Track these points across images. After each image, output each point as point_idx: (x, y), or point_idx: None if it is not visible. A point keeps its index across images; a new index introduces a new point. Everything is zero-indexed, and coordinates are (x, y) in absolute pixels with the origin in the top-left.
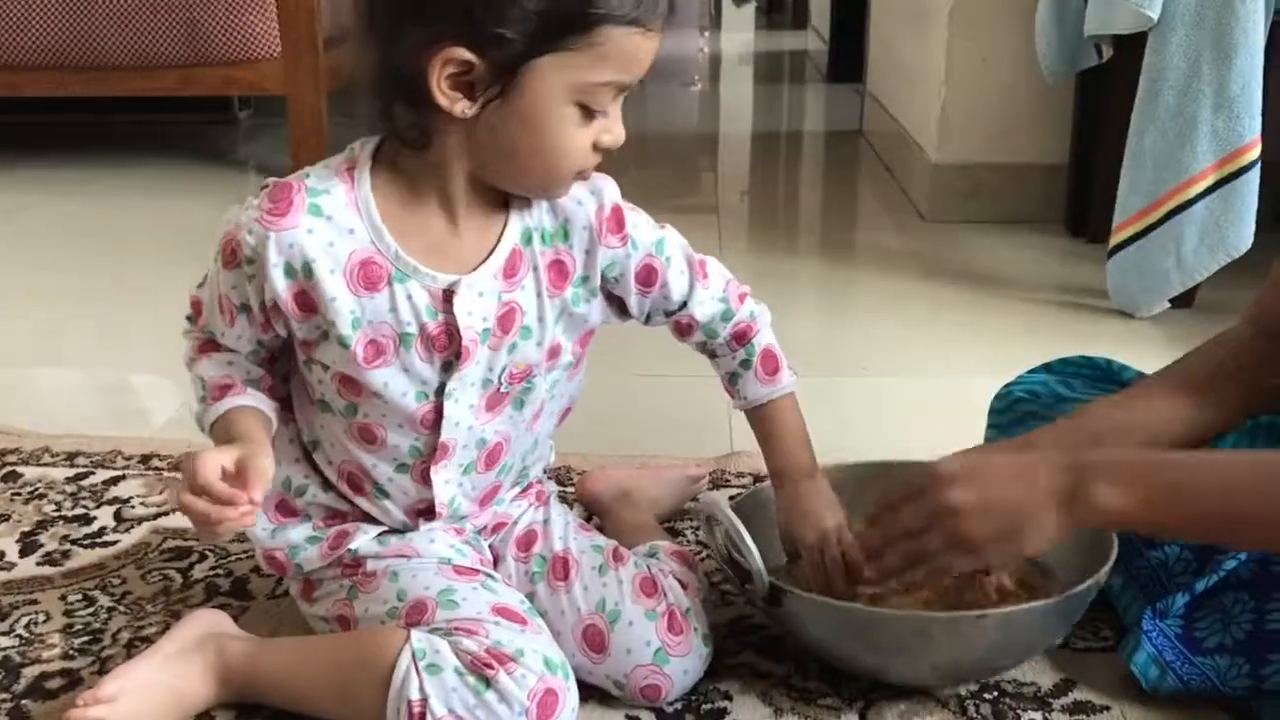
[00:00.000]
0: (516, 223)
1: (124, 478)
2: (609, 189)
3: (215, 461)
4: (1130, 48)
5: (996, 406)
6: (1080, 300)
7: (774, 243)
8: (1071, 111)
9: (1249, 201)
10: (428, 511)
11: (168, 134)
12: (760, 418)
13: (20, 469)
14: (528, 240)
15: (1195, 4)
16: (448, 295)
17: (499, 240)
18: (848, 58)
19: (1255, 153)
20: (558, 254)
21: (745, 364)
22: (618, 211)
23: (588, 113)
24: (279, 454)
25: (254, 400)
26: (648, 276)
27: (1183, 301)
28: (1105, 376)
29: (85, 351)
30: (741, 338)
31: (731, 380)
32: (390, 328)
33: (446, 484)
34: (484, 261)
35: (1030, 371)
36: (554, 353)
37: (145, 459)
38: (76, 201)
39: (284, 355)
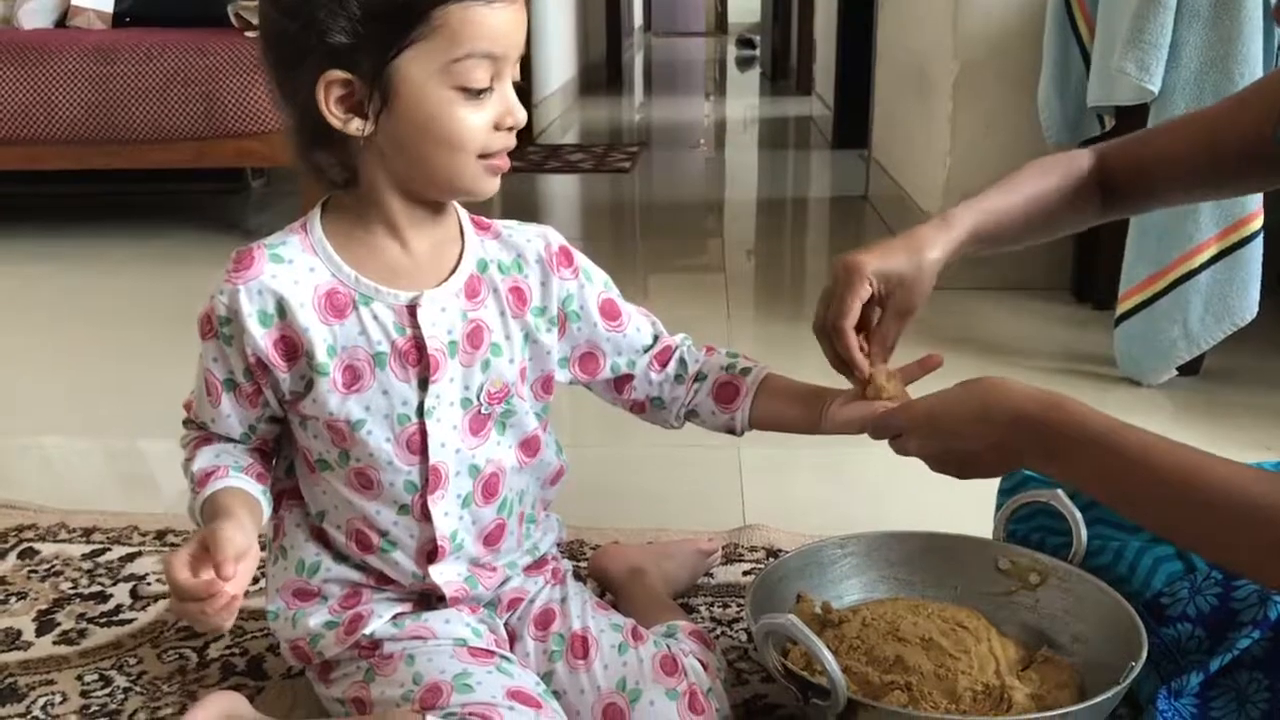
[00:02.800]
0: (472, 253)
1: (140, 554)
2: (553, 233)
3: (182, 558)
4: (1133, 115)
5: (1004, 486)
6: (1088, 368)
7: (781, 310)
8: None
9: (1253, 270)
10: (435, 553)
11: (181, 204)
12: (763, 416)
13: (37, 545)
14: (484, 269)
15: (1195, 77)
16: (412, 310)
17: (457, 265)
18: (852, 123)
19: (1258, 223)
20: (515, 281)
21: (705, 381)
22: (565, 249)
23: (470, 94)
24: (289, 541)
25: (236, 481)
26: (612, 310)
27: (1190, 369)
28: None
29: (99, 420)
30: (665, 354)
31: (715, 419)
32: (364, 350)
33: (446, 516)
34: (445, 281)
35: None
36: (522, 378)
37: (160, 535)
38: (92, 271)
39: (280, 445)
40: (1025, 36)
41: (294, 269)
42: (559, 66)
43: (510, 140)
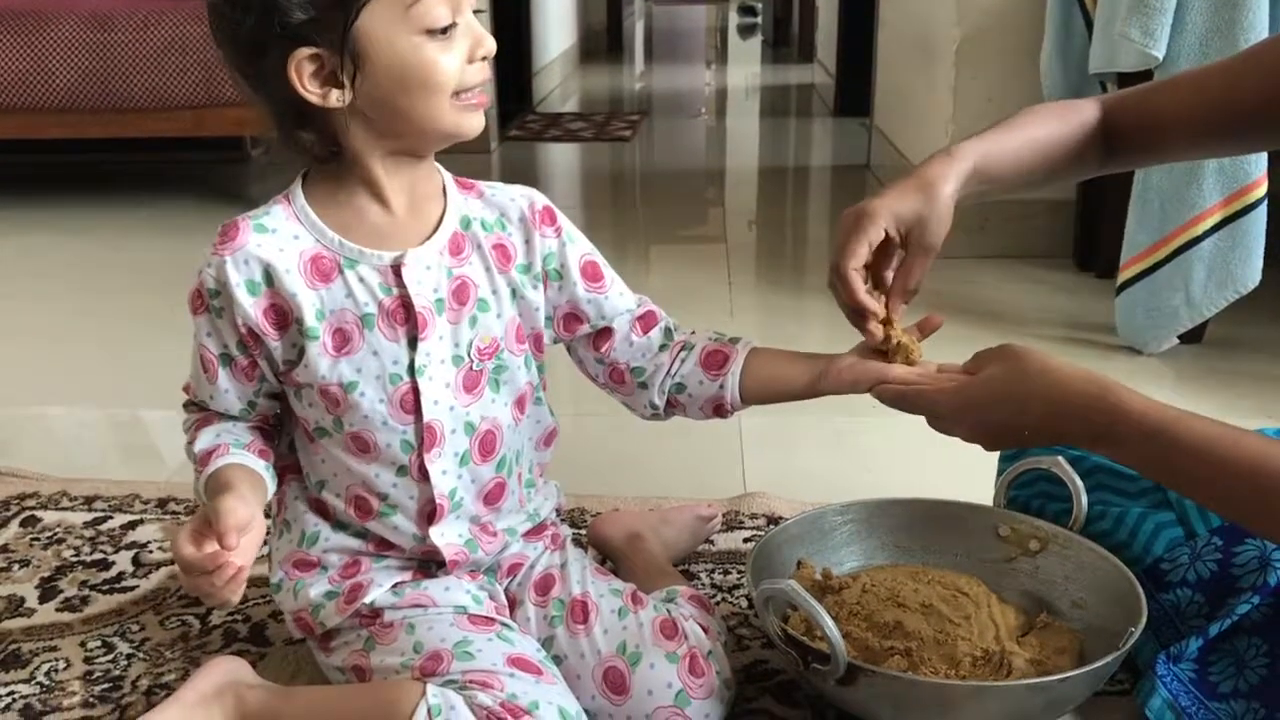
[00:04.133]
0: (455, 211)
1: (142, 522)
2: (537, 194)
3: (186, 533)
4: (1136, 82)
5: (1006, 453)
6: (1089, 336)
7: (783, 279)
8: None
9: (1256, 238)
10: (435, 514)
11: (182, 173)
12: (755, 380)
13: (39, 513)
14: (467, 225)
15: (1199, 43)
16: (396, 270)
17: (440, 223)
18: (854, 92)
19: (1262, 189)
20: (499, 238)
21: (691, 351)
22: (548, 209)
23: (435, 34)
24: (290, 514)
25: (237, 458)
26: (594, 272)
27: (1192, 337)
28: None
29: (99, 389)
30: (649, 320)
31: (702, 390)
32: (351, 313)
33: (444, 475)
34: (428, 239)
35: None
36: (519, 336)
37: (162, 503)
38: (92, 240)
39: (282, 422)
40: (1028, 4)
41: (278, 237)
42: (559, 34)
43: (485, 72)
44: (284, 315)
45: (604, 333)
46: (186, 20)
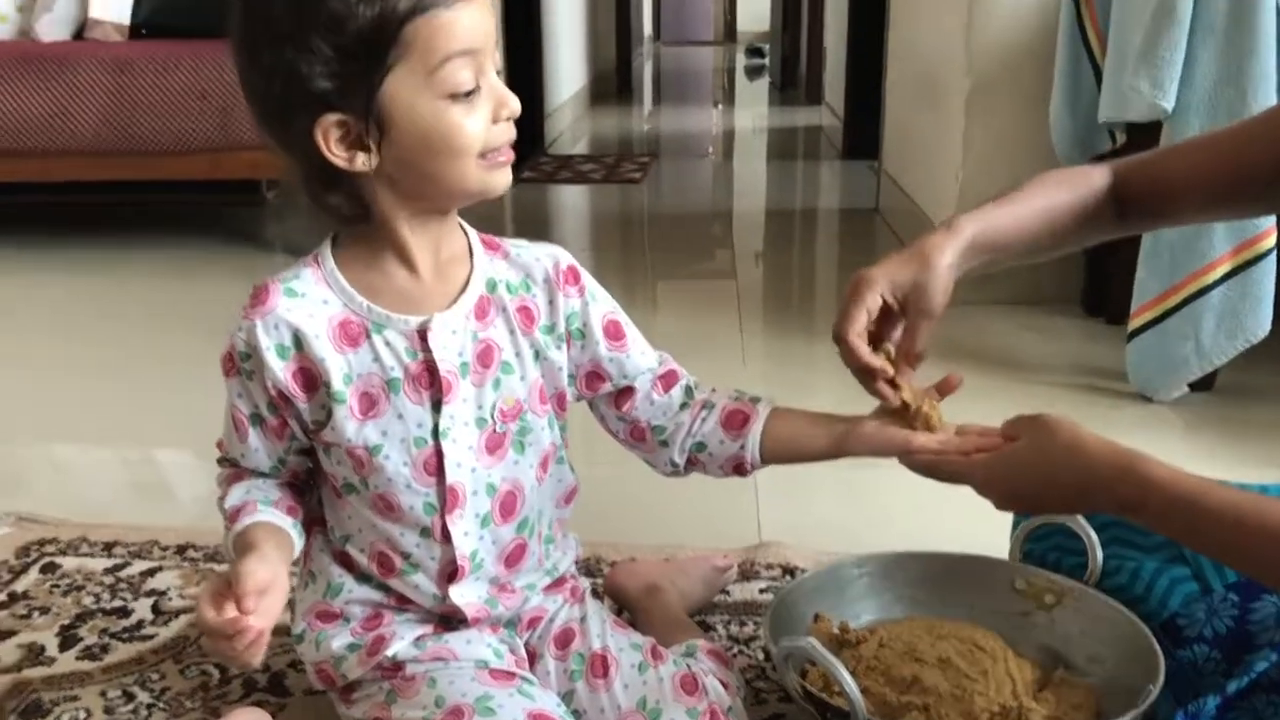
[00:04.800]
0: (480, 273)
1: (161, 569)
2: (562, 253)
3: (206, 597)
4: (1144, 131)
5: None
6: (1099, 383)
7: (791, 323)
8: None
9: (1266, 287)
10: (455, 574)
11: (197, 214)
12: (776, 441)
13: (59, 559)
14: (493, 288)
15: (1209, 94)
16: (422, 335)
17: (466, 286)
18: (862, 135)
19: (1271, 240)
20: (523, 301)
21: (713, 410)
22: (572, 268)
23: (459, 98)
24: (316, 565)
25: (264, 516)
26: (616, 331)
27: (1202, 385)
28: None
29: (116, 429)
30: (670, 379)
31: (723, 449)
32: (378, 377)
33: (466, 536)
34: (454, 303)
35: None
36: (542, 397)
37: (181, 549)
38: (108, 281)
39: (312, 476)
40: (1038, 52)
41: (308, 302)
42: (569, 76)
43: (510, 132)
44: (312, 379)
45: (625, 391)
46: (205, 65)
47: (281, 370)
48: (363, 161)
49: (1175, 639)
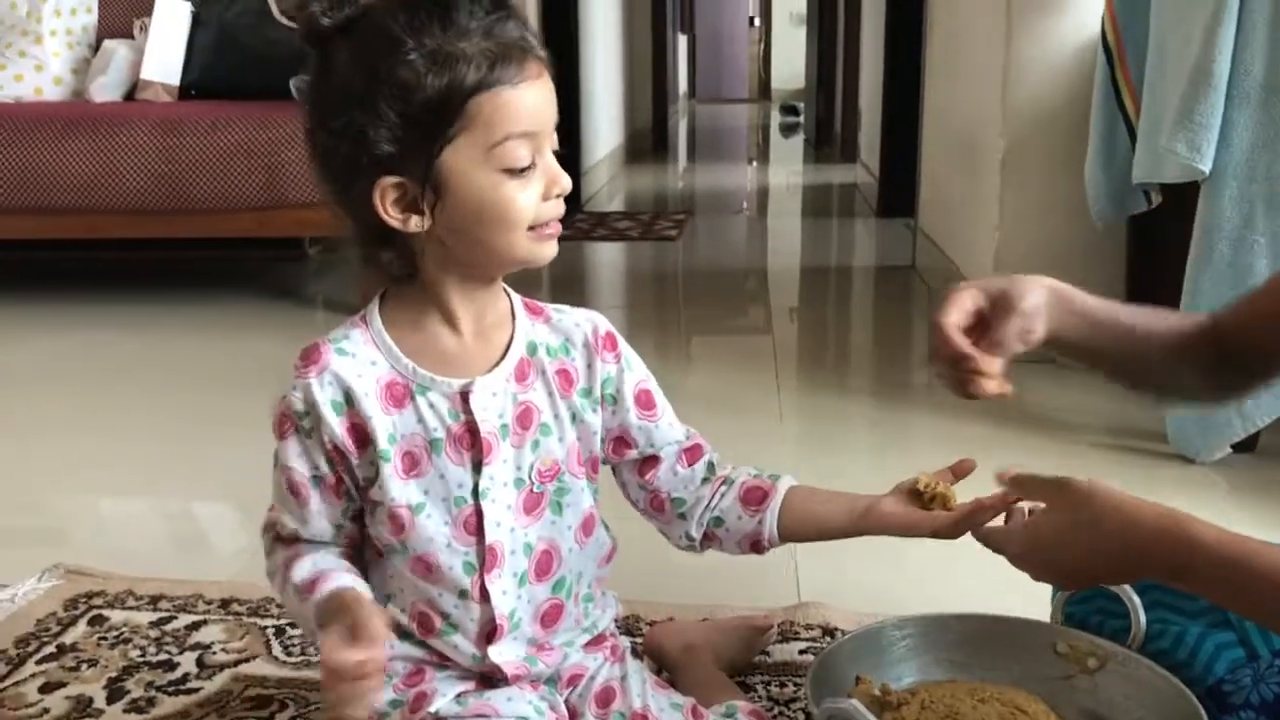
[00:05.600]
0: (522, 336)
1: (205, 623)
2: (601, 319)
3: (334, 643)
4: (1180, 191)
5: None
6: (1140, 444)
7: (827, 380)
8: (1125, 253)
9: None
10: (494, 634)
11: (241, 270)
12: (794, 518)
13: (106, 612)
14: (533, 351)
15: (1247, 157)
16: (464, 396)
17: (508, 349)
18: (898, 193)
19: None
20: (562, 364)
21: (732, 487)
22: (611, 335)
23: (515, 173)
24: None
25: (348, 580)
26: (647, 400)
27: (1245, 447)
28: None
29: (158, 483)
30: (695, 453)
31: (740, 525)
32: (421, 437)
33: (505, 595)
34: (496, 366)
35: None
36: (579, 459)
37: (225, 604)
38: (155, 335)
39: (362, 543)
40: (1072, 113)
41: (358, 362)
42: (606, 134)
43: (559, 207)
44: (363, 435)
45: (650, 460)
46: (253, 125)
47: (338, 425)
48: (416, 224)
49: (1221, 705)
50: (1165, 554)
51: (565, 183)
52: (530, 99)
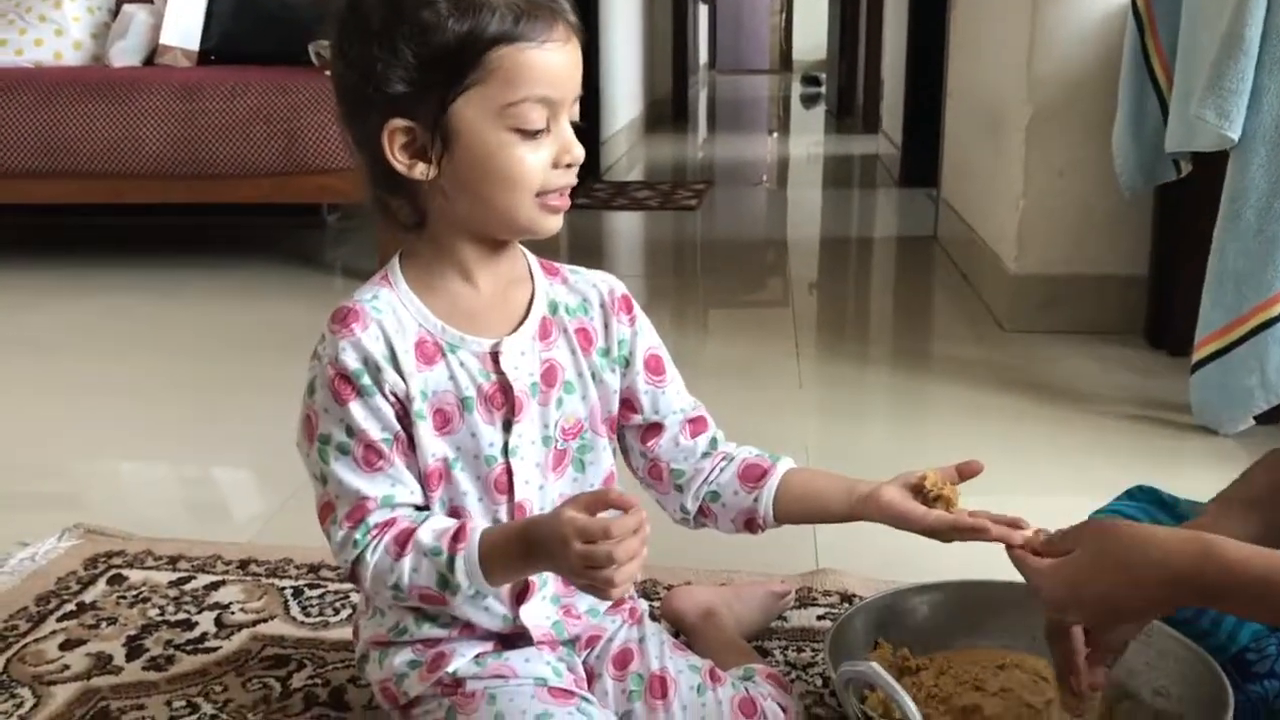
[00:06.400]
0: (542, 295)
1: (224, 583)
2: (617, 282)
3: (579, 512)
4: (1209, 161)
5: None
6: (1162, 415)
7: (847, 349)
8: (1150, 223)
9: None
10: (524, 591)
11: (259, 237)
12: (791, 497)
13: (125, 572)
14: (554, 310)
15: (1275, 124)
16: (494, 356)
17: (529, 308)
18: (920, 163)
19: None
20: (581, 323)
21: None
22: (626, 297)
23: (526, 135)
24: (380, 603)
25: (476, 523)
26: (656, 366)
27: (1268, 418)
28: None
29: (177, 447)
30: (699, 425)
31: (737, 501)
32: (453, 395)
33: None
34: (520, 325)
35: (1118, 498)
36: (601, 418)
37: (244, 564)
38: (175, 300)
39: None
40: (1100, 80)
41: (389, 323)
42: (625, 104)
43: (570, 177)
44: (407, 391)
45: (653, 428)
46: (271, 90)
47: (392, 375)
48: (422, 171)
49: (1244, 673)
50: (1195, 579)
51: (578, 152)
52: (554, 61)
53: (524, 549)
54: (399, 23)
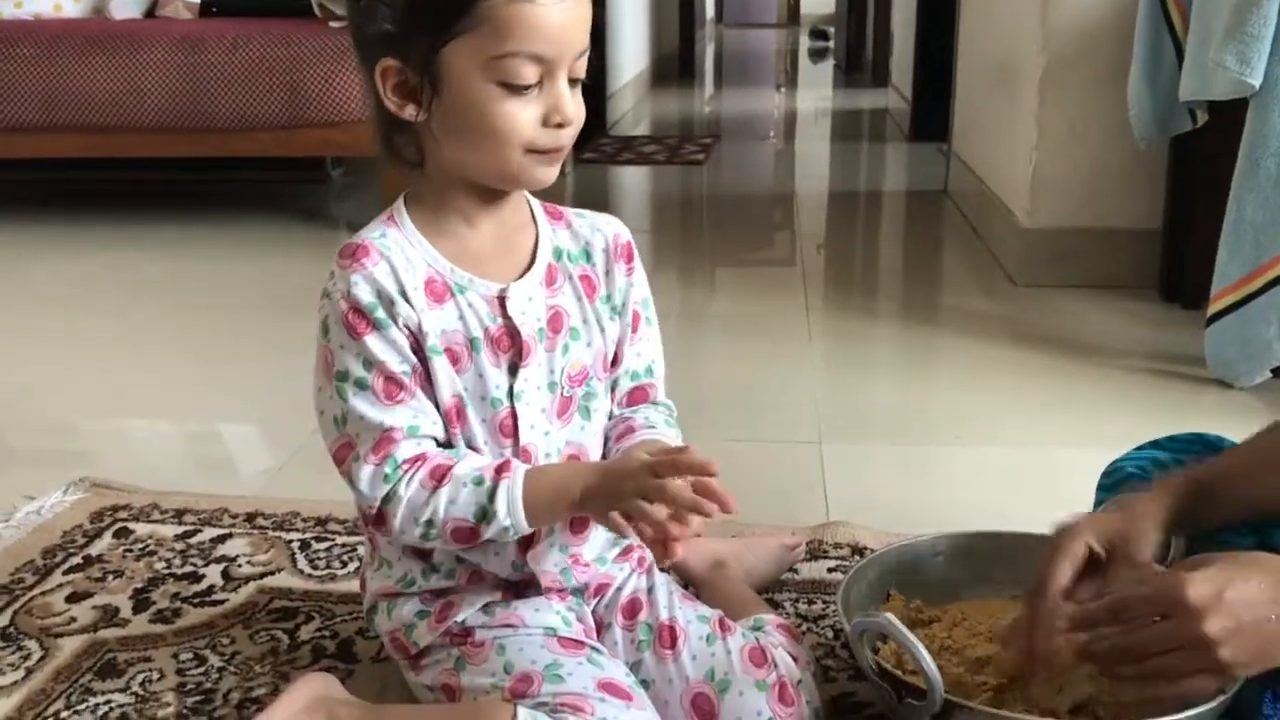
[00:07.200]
0: (546, 241)
1: (230, 536)
2: (622, 227)
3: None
4: (1226, 111)
5: (1104, 483)
6: (1176, 369)
7: (855, 303)
8: (1165, 176)
9: None
10: (532, 538)
11: (263, 192)
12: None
13: (131, 525)
14: (559, 256)
15: None
16: (501, 301)
17: (534, 254)
18: (930, 117)
19: None
20: (584, 270)
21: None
22: (629, 246)
23: (513, 90)
24: (385, 554)
25: (518, 464)
26: (634, 322)
27: None
28: (1217, 452)
29: (181, 402)
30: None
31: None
32: (461, 335)
33: None
34: (527, 271)
35: (1139, 448)
36: (604, 364)
37: (250, 517)
38: (178, 255)
39: None
40: (1115, 31)
41: (397, 260)
42: (632, 58)
43: (559, 138)
44: (418, 324)
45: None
46: (274, 43)
47: (406, 309)
48: (411, 112)
49: None
50: None
51: (568, 111)
52: (551, 17)
53: (569, 479)
54: None
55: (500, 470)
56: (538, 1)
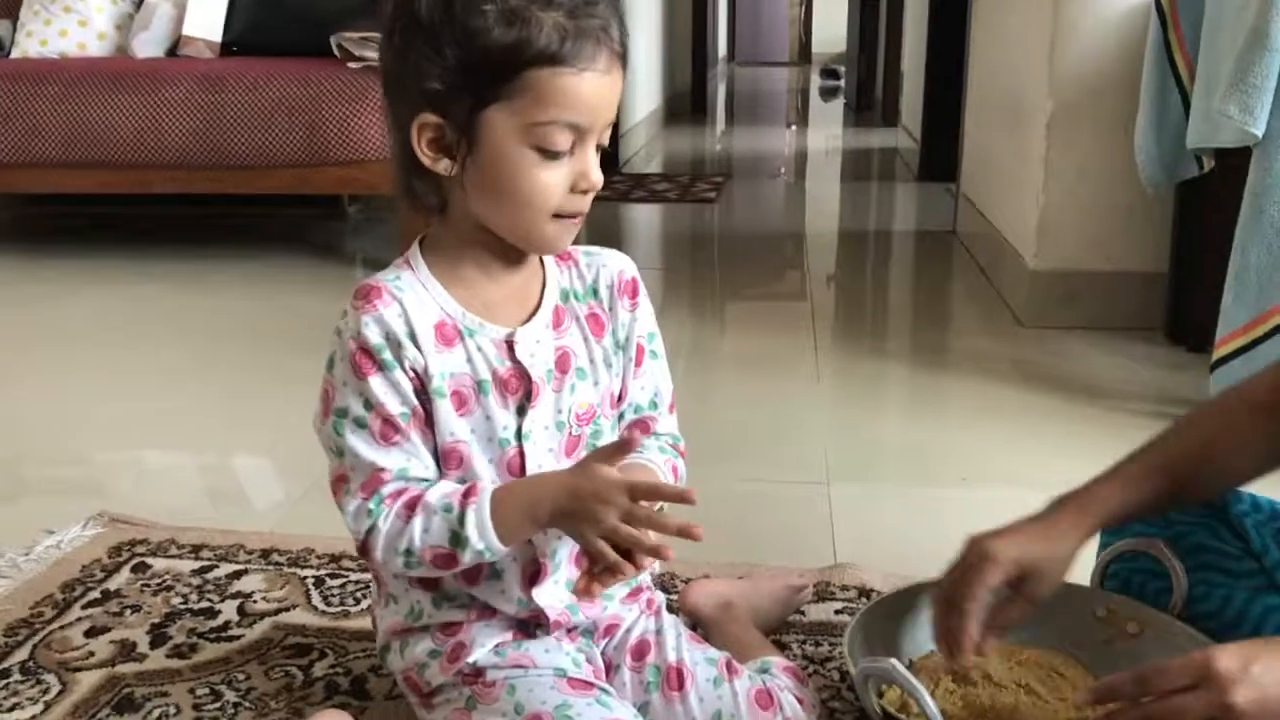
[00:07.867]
0: (554, 284)
1: (246, 572)
2: (629, 263)
3: (611, 480)
4: (1231, 157)
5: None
6: (1183, 411)
7: (864, 343)
8: (1171, 220)
9: None
10: (537, 575)
11: (280, 228)
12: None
13: (149, 560)
14: (566, 298)
15: None
16: (510, 345)
17: (542, 297)
18: (940, 157)
19: None
20: (592, 309)
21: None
22: (634, 281)
23: (548, 155)
24: (393, 589)
25: (484, 487)
26: (638, 357)
27: None
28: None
29: (198, 435)
30: (642, 425)
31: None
32: (469, 378)
33: (544, 534)
34: (534, 314)
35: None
36: (611, 402)
37: (266, 553)
38: (194, 291)
39: None
40: (1122, 76)
41: (409, 303)
42: (645, 96)
43: (583, 203)
44: (424, 367)
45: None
46: (293, 82)
47: (414, 351)
48: (445, 166)
49: None
50: None
51: (595, 178)
52: (589, 90)
53: (537, 499)
54: (448, 22)
55: (467, 495)
56: (581, 75)
